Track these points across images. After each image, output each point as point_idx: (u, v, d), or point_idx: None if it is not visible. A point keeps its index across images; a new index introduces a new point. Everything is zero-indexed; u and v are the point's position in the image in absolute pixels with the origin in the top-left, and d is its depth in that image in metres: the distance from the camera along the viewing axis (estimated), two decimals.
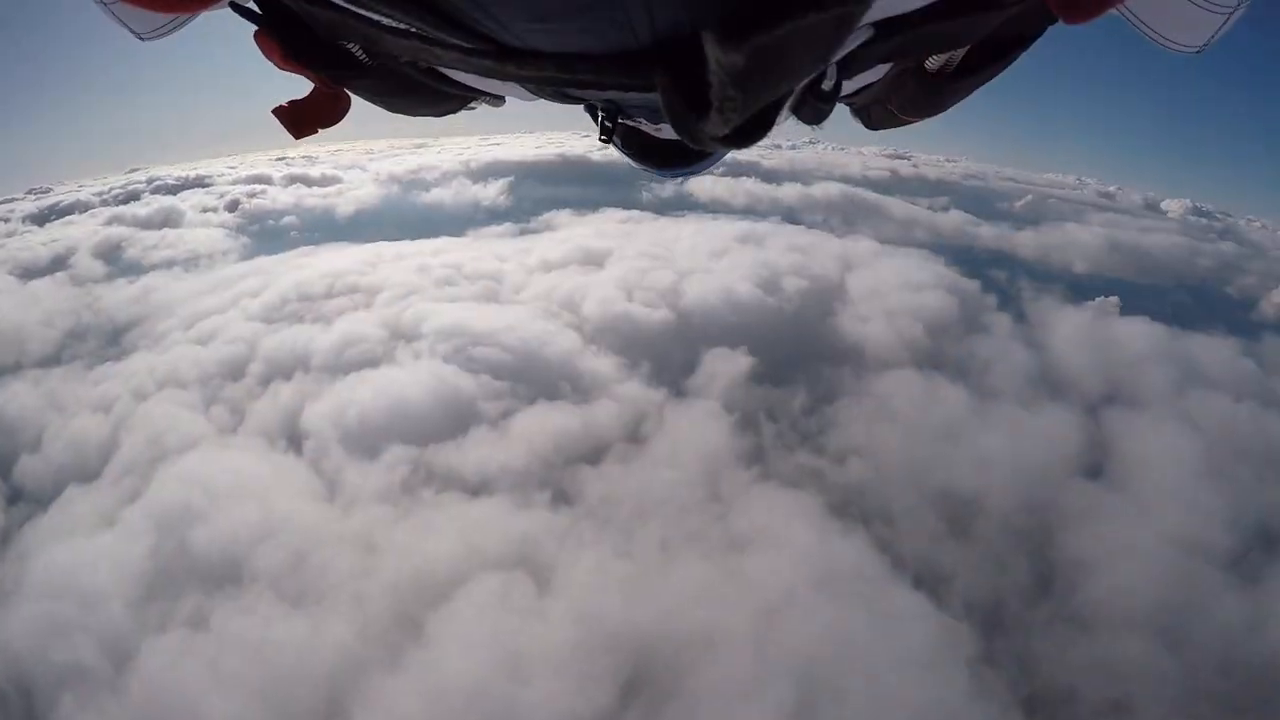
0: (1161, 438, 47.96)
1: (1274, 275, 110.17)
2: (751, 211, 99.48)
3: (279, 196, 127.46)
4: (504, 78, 1.10)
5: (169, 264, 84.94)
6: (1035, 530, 40.65)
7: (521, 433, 43.85)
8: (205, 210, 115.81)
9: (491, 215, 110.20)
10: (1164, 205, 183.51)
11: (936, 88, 1.59)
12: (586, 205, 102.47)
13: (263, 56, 1.36)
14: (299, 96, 1.63)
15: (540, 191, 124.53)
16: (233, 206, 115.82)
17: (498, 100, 1.90)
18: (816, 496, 40.40)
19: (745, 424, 47.32)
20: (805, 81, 1.13)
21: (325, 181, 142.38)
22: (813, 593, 32.52)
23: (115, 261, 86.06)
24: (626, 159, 2.83)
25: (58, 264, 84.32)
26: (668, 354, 54.34)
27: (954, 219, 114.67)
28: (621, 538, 36.11)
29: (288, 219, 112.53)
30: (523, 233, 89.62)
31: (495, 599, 32.16)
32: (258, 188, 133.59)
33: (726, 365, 52.98)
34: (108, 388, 48.99)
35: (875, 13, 1.04)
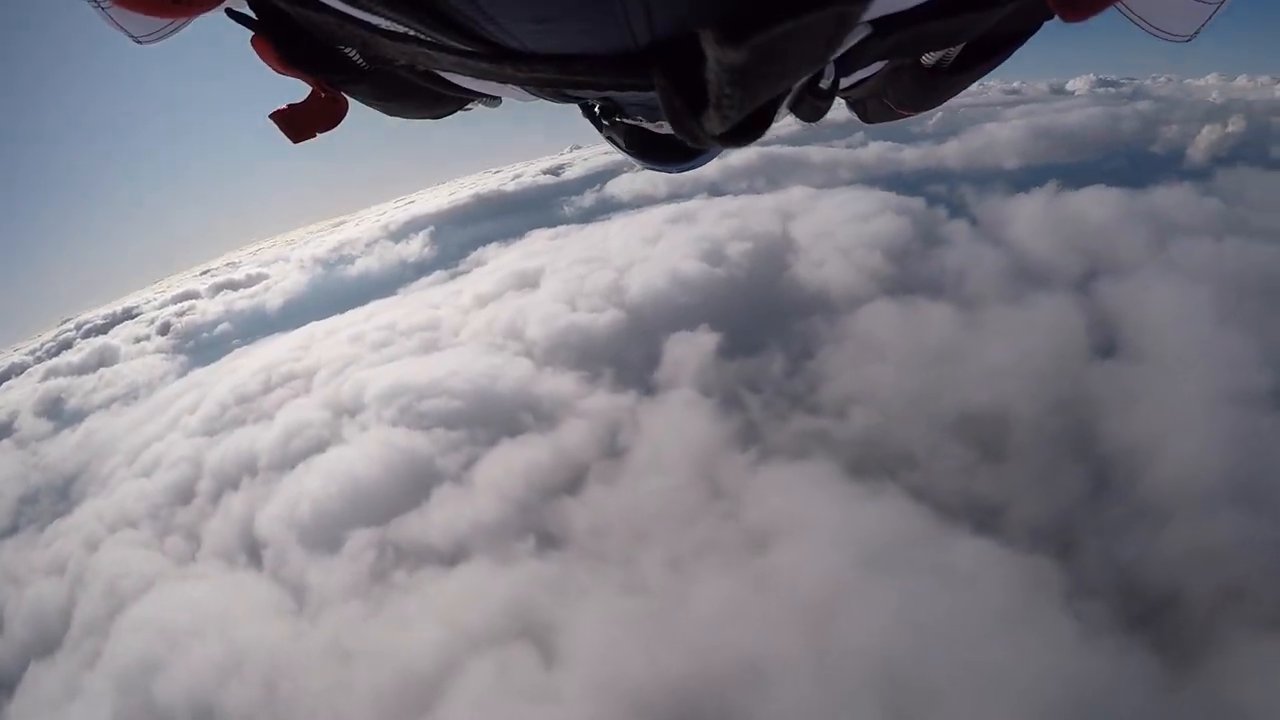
0: (1162, 296, 43.88)
1: (1195, 120, 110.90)
2: (676, 196, 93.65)
3: (208, 308, 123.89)
4: (503, 80, 1.08)
5: (109, 403, 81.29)
6: (1073, 428, 35.96)
7: (488, 480, 38.70)
8: (138, 340, 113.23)
9: (419, 269, 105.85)
10: (1069, 86, 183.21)
11: (933, 83, 1.54)
12: (512, 234, 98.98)
13: (256, 67, 1.35)
14: (296, 101, 1.52)
15: (463, 234, 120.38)
16: (164, 330, 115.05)
17: (494, 101, 1.83)
18: (828, 461, 34.94)
19: (728, 404, 42.17)
20: (804, 79, 1.10)
21: (250, 281, 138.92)
22: (862, 573, 26.76)
23: (58, 415, 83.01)
24: (626, 156, 2.41)
25: (3, 431, 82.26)
26: (627, 354, 49.54)
27: (874, 150, 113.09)
28: (624, 570, 30.44)
29: (221, 327, 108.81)
30: (453, 276, 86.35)
31: (495, 683, 26.93)
32: (186, 305, 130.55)
33: (691, 348, 47.93)
34: (60, 546, 45.95)
35: (873, 11, 1.01)
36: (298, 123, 1.51)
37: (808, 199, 75.25)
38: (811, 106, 1.27)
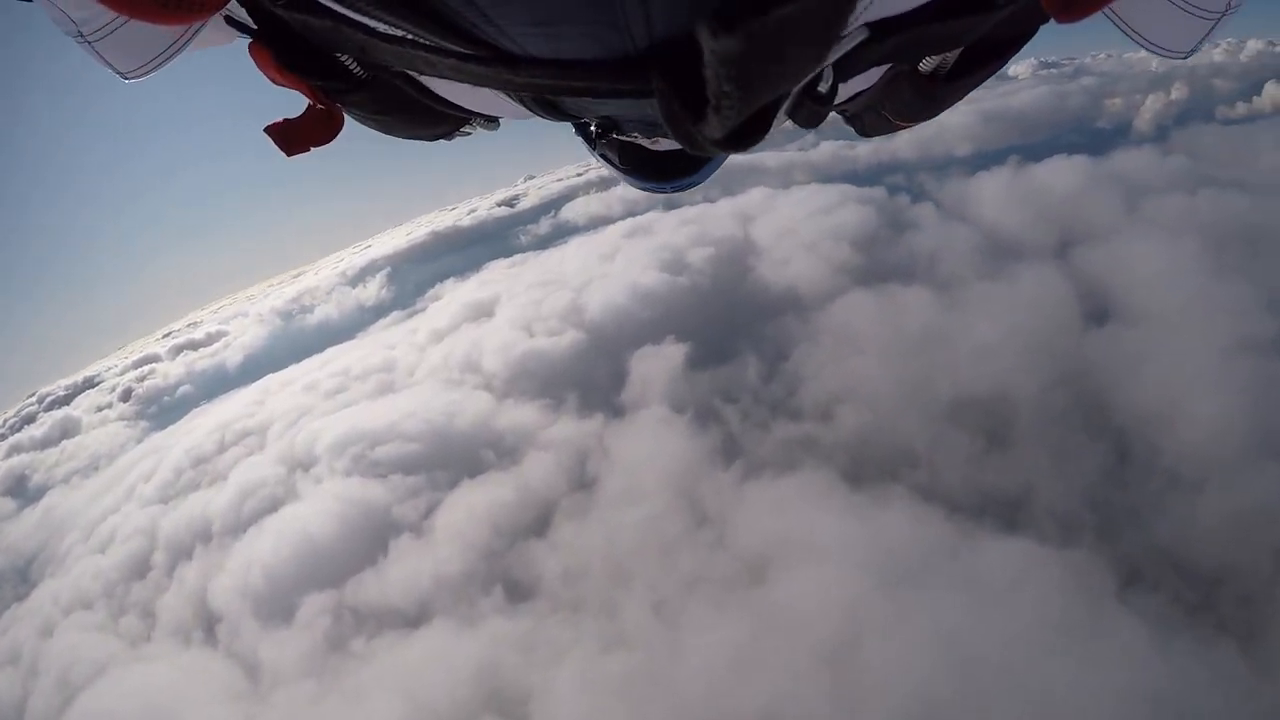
0: (1146, 255, 40.89)
1: (1139, 90, 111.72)
2: (632, 213, 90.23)
3: (169, 370, 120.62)
4: (500, 85, 1.07)
5: (70, 476, 77.12)
6: (1081, 402, 32.93)
7: (449, 527, 34.99)
8: (100, 409, 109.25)
9: (377, 312, 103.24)
10: (1011, 72, 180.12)
11: (931, 91, 1.48)
12: (469, 268, 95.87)
13: (254, 74, 1.32)
14: (292, 116, 1.48)
15: (420, 272, 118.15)
16: (126, 396, 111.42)
17: (492, 123, 1.78)
18: (821, 469, 30.89)
19: (703, 417, 38.37)
20: (802, 83, 1.04)
21: (210, 340, 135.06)
22: (882, 594, 22.50)
23: (21, 493, 78.59)
24: (621, 176, 2.44)
25: None
26: (590, 375, 46.00)
27: (827, 150, 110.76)
28: (603, 621, 26.30)
29: (183, 389, 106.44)
30: (411, 315, 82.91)
31: None
32: (147, 369, 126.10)
33: (658, 362, 44.30)
34: (15, 634, 43.13)
35: (871, 14, 1.02)
36: (292, 136, 1.44)
37: (766, 200, 72.14)
38: (810, 111, 1.23)
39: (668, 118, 0.85)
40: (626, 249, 65.41)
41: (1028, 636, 20.72)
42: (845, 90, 1.50)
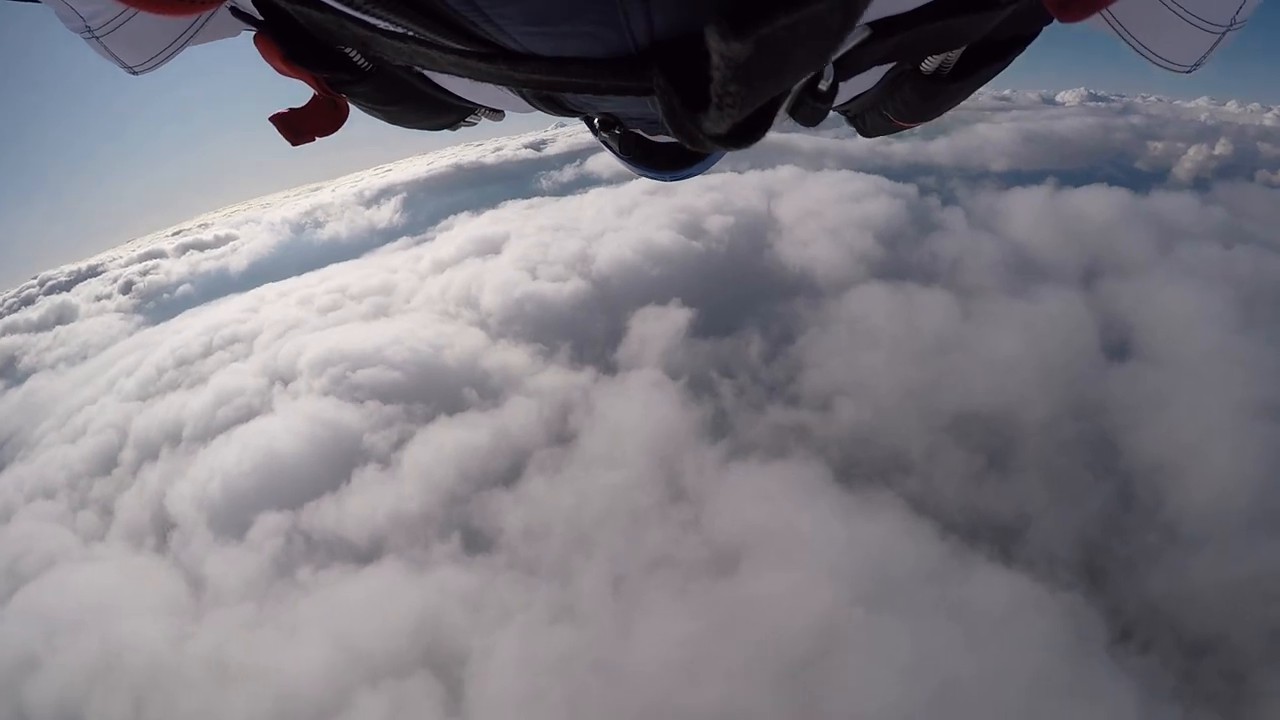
0: (1174, 299, 38.79)
1: (1185, 138, 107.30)
2: None
3: (173, 268, 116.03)
4: (500, 81, 1.07)
5: (58, 362, 75.69)
6: (1090, 437, 31.13)
7: (417, 464, 33.15)
8: (99, 299, 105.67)
9: (386, 235, 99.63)
10: (1059, 98, 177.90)
11: (933, 91, 1.46)
12: (485, 204, 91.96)
13: (260, 63, 1.32)
14: (297, 105, 1.51)
15: (435, 202, 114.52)
16: (126, 288, 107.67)
17: (496, 113, 1.79)
18: (811, 461, 28.89)
19: (697, 388, 36.40)
20: (804, 80, 1.02)
21: (218, 242, 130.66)
22: (856, 607, 20.45)
23: (9, 373, 77.15)
24: (622, 163, 2.37)
25: None
26: (588, 327, 44.02)
27: (862, 142, 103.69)
28: (558, 588, 24.06)
29: (183, 288, 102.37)
30: (420, 243, 79.02)
31: None
32: (151, 264, 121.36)
33: (659, 324, 42.16)
34: None
35: (873, 12, 1.02)
36: (297, 126, 1.48)
37: (795, 178, 69.79)
38: (811, 109, 1.14)
39: (668, 115, 0.83)
40: (645, 205, 62.68)
41: (1009, 678, 18.93)
42: (847, 90, 1.48)
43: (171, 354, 55.65)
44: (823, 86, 1.11)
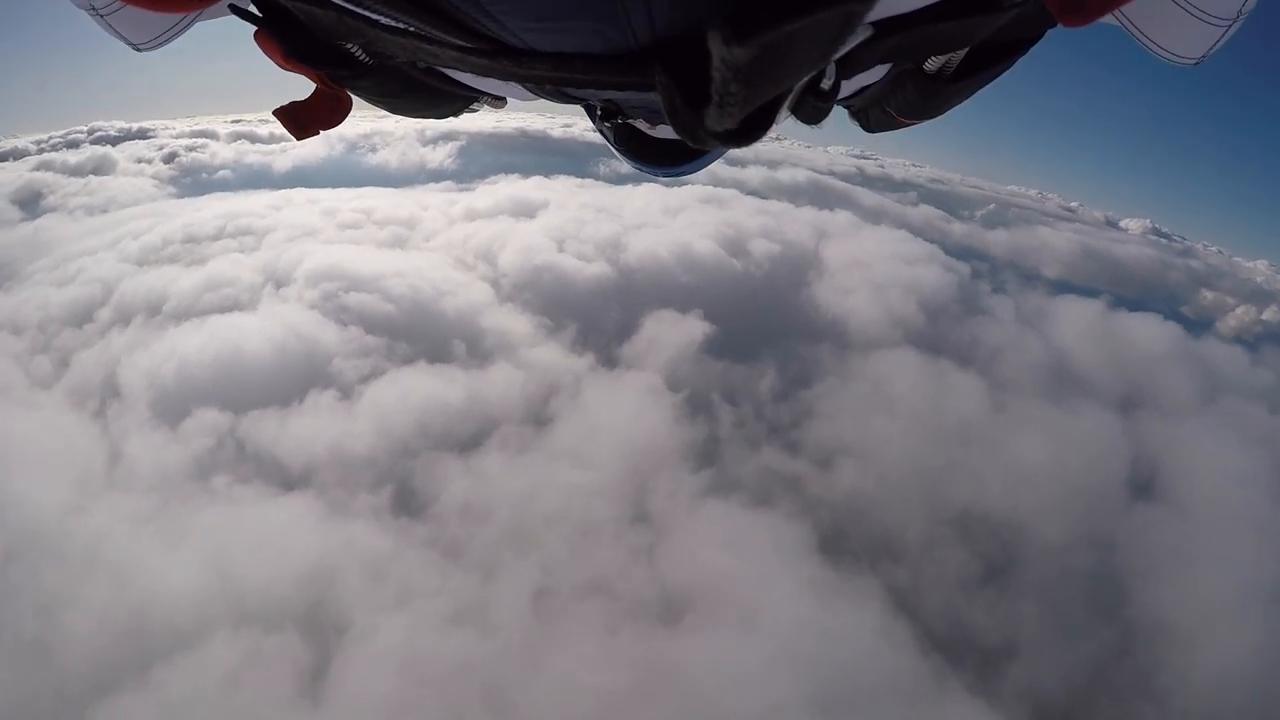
0: (1209, 452, 35.95)
1: (1240, 295, 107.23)
2: (714, 182, 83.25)
3: (220, 151, 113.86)
4: (502, 77, 1.04)
5: (78, 209, 73.66)
6: (1099, 574, 27.76)
7: (378, 404, 30.41)
8: (139, 161, 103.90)
9: (433, 175, 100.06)
10: (1123, 224, 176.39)
11: (934, 90, 1.44)
12: (539, 172, 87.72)
13: (263, 57, 1.29)
14: (301, 98, 1.50)
15: (491, 158, 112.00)
16: (170, 158, 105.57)
17: (499, 101, 1.74)
18: (795, 519, 24.85)
19: (695, 407, 33.04)
20: (805, 80, 1.04)
21: (271, 139, 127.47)
22: (808, 709, 16.31)
23: (31, 206, 75.55)
24: (618, 155, 2.33)
25: None
26: (600, 314, 40.98)
27: (924, 213, 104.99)
28: (477, 583, 20.15)
29: (222, 173, 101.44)
30: (462, 191, 75.14)
31: (228, 678, 18.48)
32: (200, 142, 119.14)
33: (674, 330, 38.91)
34: None
35: (875, 12, 0.94)
36: (301, 119, 1.46)
37: (851, 226, 66.30)
38: (813, 108, 1.19)
39: (670, 112, 0.81)
40: (694, 211, 59.87)
41: None
42: (849, 85, 1.44)
43: (183, 229, 54.08)
44: (825, 85, 1.12)
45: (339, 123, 1.49)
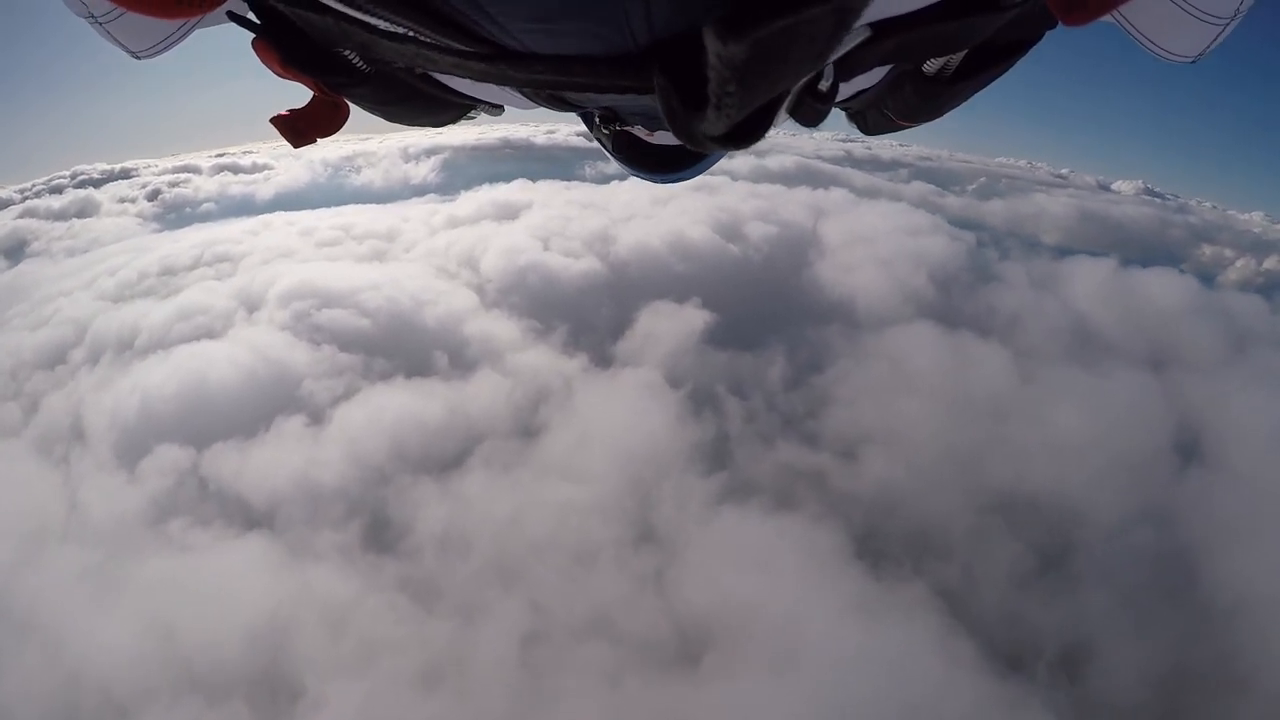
0: (1252, 407, 32.38)
1: (1239, 247, 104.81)
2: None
3: (203, 185, 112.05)
4: (502, 81, 1.03)
5: (62, 253, 71.87)
6: (1166, 555, 23.87)
7: (350, 426, 27.32)
8: (123, 201, 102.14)
9: (417, 190, 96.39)
10: (1115, 186, 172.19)
11: (933, 92, 1.42)
12: (522, 178, 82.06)
13: (261, 65, 1.29)
14: (297, 106, 1.46)
15: (475, 168, 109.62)
16: (153, 196, 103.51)
17: (496, 109, 1.74)
18: (825, 521, 21.12)
19: (699, 402, 29.54)
20: (803, 81, 1.01)
21: (254, 169, 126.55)
22: None
23: (16, 255, 73.52)
24: (617, 162, 2.31)
25: None
26: (592, 312, 37.90)
27: (917, 189, 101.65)
28: (452, 628, 16.65)
29: (206, 205, 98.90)
30: (444, 202, 71.27)
31: None
32: (183, 177, 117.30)
33: (671, 322, 35.54)
34: None
35: (873, 13, 0.98)
36: (298, 127, 1.43)
37: (848, 202, 62.92)
38: (811, 110, 1.15)
39: (668, 114, 0.81)
40: (684, 199, 56.03)
41: None
42: (848, 88, 1.43)
43: (159, 261, 52.35)
44: (822, 87, 1.10)
45: (336, 130, 1.43)
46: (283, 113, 1.40)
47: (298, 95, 1.42)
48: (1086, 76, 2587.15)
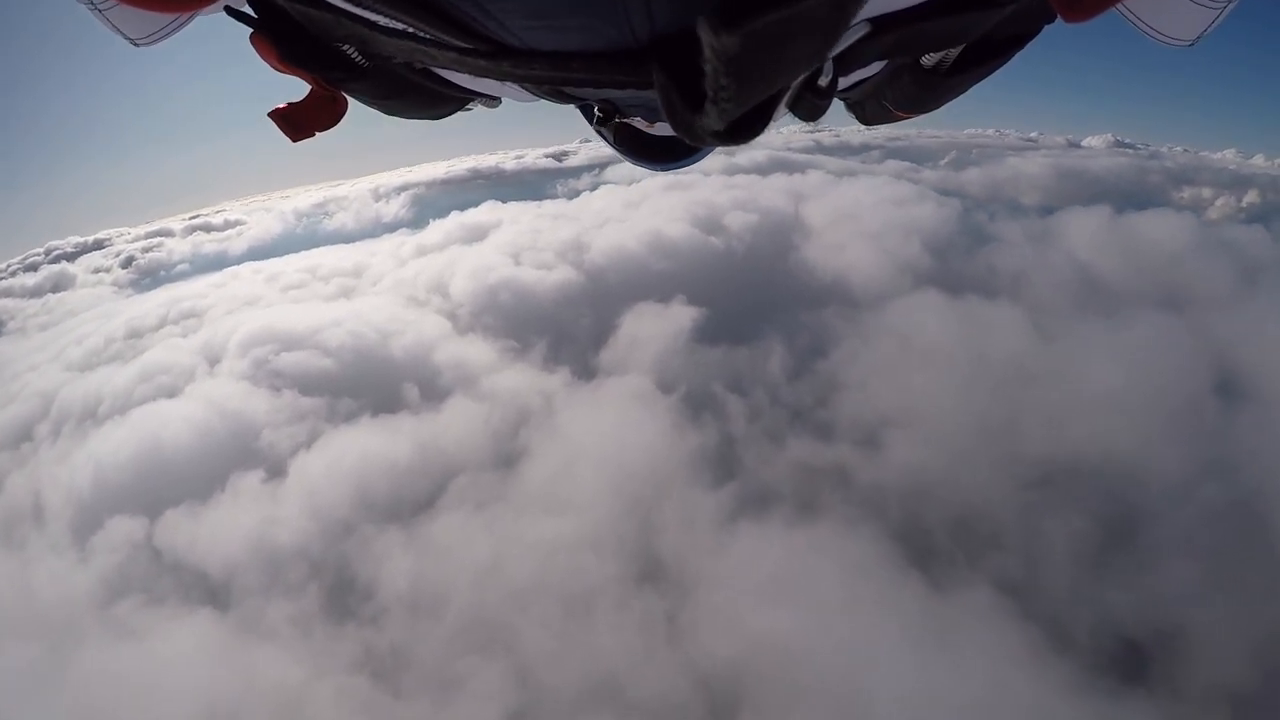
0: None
1: (1218, 186, 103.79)
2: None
3: (176, 247, 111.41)
4: (501, 77, 1.01)
5: (32, 328, 69.78)
6: (1234, 507, 20.62)
7: (312, 476, 24.06)
8: (97, 271, 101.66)
9: (389, 228, 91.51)
10: (1085, 143, 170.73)
11: (932, 84, 1.40)
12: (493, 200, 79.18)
13: (257, 62, 1.26)
14: (296, 99, 1.42)
15: (445, 200, 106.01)
16: (127, 263, 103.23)
17: (493, 101, 1.68)
18: (860, 524, 17.54)
19: (696, 405, 26.25)
20: (802, 76, 0.97)
21: (226, 226, 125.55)
22: None
23: None
24: (620, 155, 2.15)
25: None
26: (571, 322, 35.01)
27: (892, 168, 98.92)
28: (425, 711, 13.03)
29: (181, 267, 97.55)
30: (413, 234, 69.31)
31: None
32: (155, 242, 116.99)
33: (657, 323, 32.34)
34: None
35: (872, 9, 0.97)
36: (296, 121, 1.39)
37: (826, 184, 59.79)
38: (810, 105, 1.09)
39: (667, 110, 0.79)
40: (659, 199, 53.94)
41: None
42: (846, 80, 1.40)
43: (125, 325, 50.37)
44: (822, 82, 1.06)
45: (334, 123, 1.39)
46: (280, 106, 1.33)
47: (295, 89, 1.37)
48: (1044, 38, 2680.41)
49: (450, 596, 16.76)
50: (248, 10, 1.13)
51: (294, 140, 1.40)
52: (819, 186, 57.82)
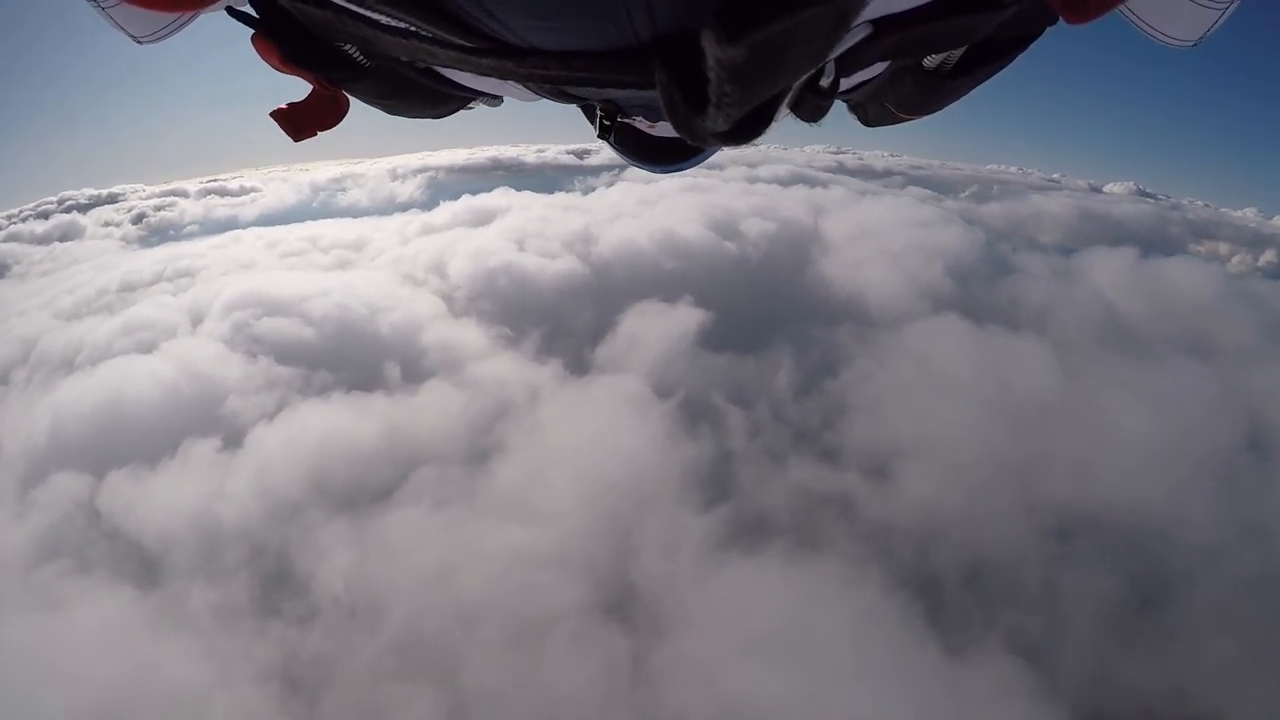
0: None
1: (1237, 241, 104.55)
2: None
3: (189, 208, 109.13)
4: (503, 76, 1.01)
5: (32, 274, 70.06)
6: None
7: (269, 451, 22.27)
8: (107, 224, 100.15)
9: (401, 207, 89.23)
10: (1107, 189, 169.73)
11: (934, 86, 1.38)
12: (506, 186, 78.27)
13: (260, 60, 1.25)
14: (297, 99, 1.41)
15: (461, 186, 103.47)
16: (138, 219, 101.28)
17: (495, 100, 1.67)
18: (866, 564, 15.20)
19: (694, 414, 24.13)
20: (804, 78, 0.98)
21: (240, 192, 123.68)
22: None
23: None
24: (622, 156, 2.20)
25: None
26: (570, 314, 33.11)
27: (913, 193, 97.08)
28: None
29: (190, 228, 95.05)
30: (422, 213, 68.09)
31: None
32: (169, 201, 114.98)
33: (659, 323, 30.35)
34: None
35: (873, 11, 0.96)
36: (298, 121, 1.39)
37: (848, 199, 58.10)
38: (812, 106, 1.09)
39: (669, 110, 0.79)
40: (675, 199, 51.99)
41: None
42: (848, 81, 1.33)
43: (120, 278, 49.95)
44: (824, 83, 1.05)
45: (336, 123, 1.38)
46: (282, 106, 1.32)
47: (296, 89, 1.37)
48: (1073, 79, 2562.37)
49: (389, 605, 14.76)
50: (249, 10, 1.10)
51: (295, 140, 1.36)
52: (841, 202, 56.04)
